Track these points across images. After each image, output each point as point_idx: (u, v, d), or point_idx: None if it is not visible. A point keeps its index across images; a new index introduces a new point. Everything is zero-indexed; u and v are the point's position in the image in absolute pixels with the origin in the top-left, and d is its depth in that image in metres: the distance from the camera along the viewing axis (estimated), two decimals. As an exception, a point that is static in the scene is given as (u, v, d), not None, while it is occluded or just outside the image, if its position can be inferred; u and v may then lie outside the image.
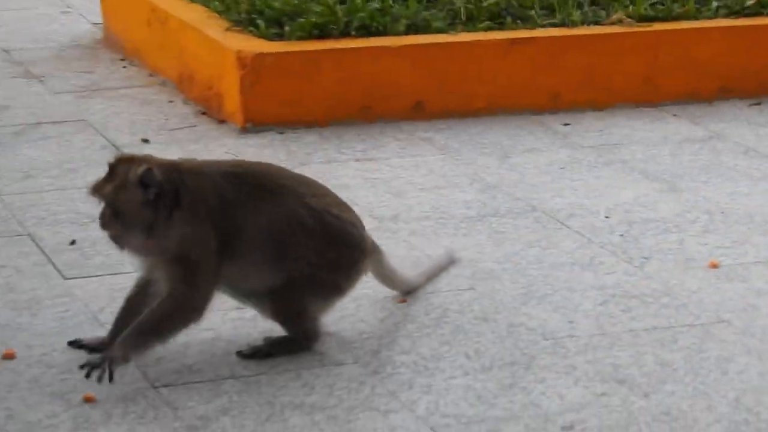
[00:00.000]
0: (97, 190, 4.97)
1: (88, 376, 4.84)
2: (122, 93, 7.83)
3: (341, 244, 5.15)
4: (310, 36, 7.43)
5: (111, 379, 4.84)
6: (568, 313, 5.45)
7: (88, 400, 4.78)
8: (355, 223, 5.25)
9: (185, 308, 5.02)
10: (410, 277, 5.64)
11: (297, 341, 5.17)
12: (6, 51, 8.55)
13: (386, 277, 5.52)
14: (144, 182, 4.90)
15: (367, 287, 5.54)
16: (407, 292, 5.60)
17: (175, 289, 4.99)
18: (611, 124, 7.43)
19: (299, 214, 5.07)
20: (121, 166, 4.98)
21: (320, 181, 6.47)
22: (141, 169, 4.90)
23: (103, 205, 4.96)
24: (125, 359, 4.93)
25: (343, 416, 4.70)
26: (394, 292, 5.61)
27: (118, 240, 5.01)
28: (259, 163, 5.35)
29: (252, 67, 7.22)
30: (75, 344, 5.13)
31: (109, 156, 6.55)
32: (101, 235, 5.80)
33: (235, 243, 5.05)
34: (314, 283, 5.12)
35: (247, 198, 5.06)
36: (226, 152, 6.98)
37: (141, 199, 4.92)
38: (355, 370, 5.02)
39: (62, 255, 5.90)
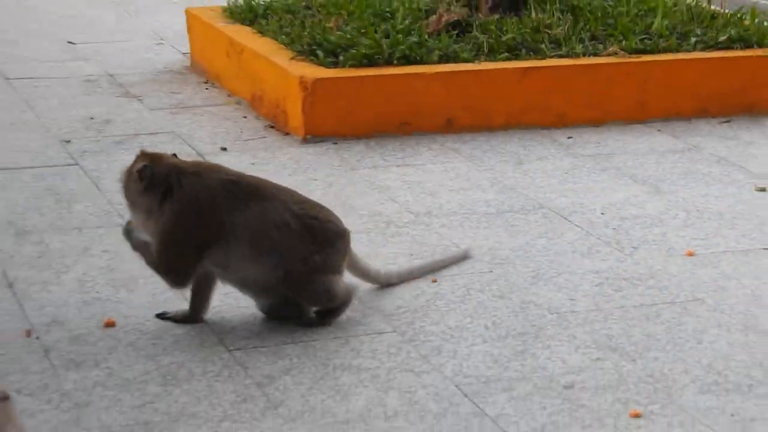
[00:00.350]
0: (120, 174, 5.26)
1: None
2: (205, 110, 7.89)
3: (322, 237, 5.13)
4: (359, 64, 7.49)
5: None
6: (570, 293, 5.48)
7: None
8: (333, 220, 5.24)
9: (168, 284, 5.22)
10: (381, 271, 5.57)
11: (327, 312, 5.21)
12: (111, 75, 8.55)
13: (358, 270, 5.45)
14: (140, 175, 5.10)
15: None
16: (384, 285, 5.54)
17: (157, 268, 5.21)
18: (606, 137, 7.47)
19: (283, 216, 5.08)
20: (137, 159, 5.20)
21: (367, 183, 6.63)
22: (140, 165, 5.13)
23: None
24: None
25: (384, 376, 4.71)
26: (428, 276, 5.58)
27: (131, 215, 5.27)
28: (253, 176, 5.36)
29: (312, 90, 7.29)
30: (161, 316, 5.24)
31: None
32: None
33: (226, 239, 5.08)
34: (312, 270, 5.09)
35: (238, 202, 5.10)
36: (289, 158, 7.00)
37: (138, 187, 5.14)
38: (394, 337, 5.04)
39: None
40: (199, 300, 5.26)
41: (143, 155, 5.22)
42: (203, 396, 4.59)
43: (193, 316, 5.24)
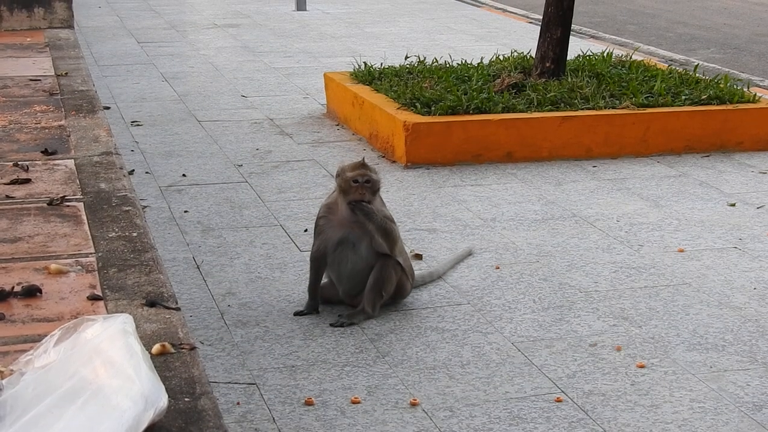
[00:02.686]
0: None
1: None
2: (336, 144, 7.91)
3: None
4: (446, 113, 7.46)
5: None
6: (594, 277, 5.43)
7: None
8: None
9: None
10: (434, 269, 5.38)
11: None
12: (271, 119, 8.61)
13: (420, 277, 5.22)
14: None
15: (472, 262, 5.62)
16: (432, 280, 5.31)
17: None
18: (621, 167, 7.39)
19: None
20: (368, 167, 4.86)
21: (450, 197, 6.69)
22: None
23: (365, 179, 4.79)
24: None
25: (461, 335, 4.74)
26: (492, 264, 5.54)
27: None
28: None
29: (412, 131, 7.29)
30: (298, 314, 4.93)
31: (329, 181, 6.81)
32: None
33: None
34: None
35: None
36: (395, 179, 6.99)
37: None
38: (468, 308, 5.04)
39: (299, 237, 5.93)
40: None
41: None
42: (332, 347, 4.63)
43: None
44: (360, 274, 4.90)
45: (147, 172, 7.16)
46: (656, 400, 4.18)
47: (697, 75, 8.51)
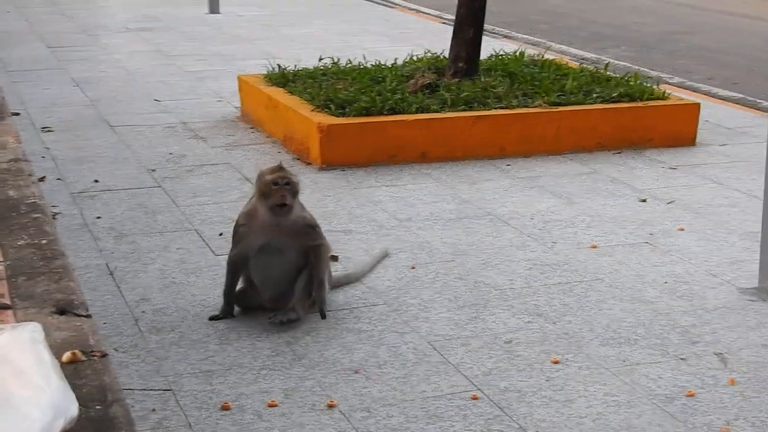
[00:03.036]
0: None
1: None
2: (251, 147, 7.88)
3: None
4: (360, 114, 7.46)
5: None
6: (509, 275, 5.46)
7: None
8: None
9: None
10: (351, 272, 5.34)
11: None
12: (185, 123, 8.56)
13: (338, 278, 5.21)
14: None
15: (388, 262, 5.61)
16: (350, 282, 5.28)
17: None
18: (534, 165, 7.43)
19: None
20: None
21: (365, 198, 6.69)
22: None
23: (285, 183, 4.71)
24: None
25: (377, 336, 4.74)
26: (408, 264, 5.54)
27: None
28: None
29: (327, 132, 7.28)
30: (213, 318, 4.87)
31: (243, 184, 6.77)
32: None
33: None
34: None
35: None
36: (311, 181, 6.95)
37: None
38: (384, 308, 5.04)
39: (214, 241, 5.89)
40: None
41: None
42: (248, 351, 4.60)
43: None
44: (287, 277, 4.85)
45: (58, 179, 7.07)
46: (571, 395, 4.22)
47: (608, 73, 8.62)
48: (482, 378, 4.35)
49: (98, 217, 6.32)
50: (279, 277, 4.84)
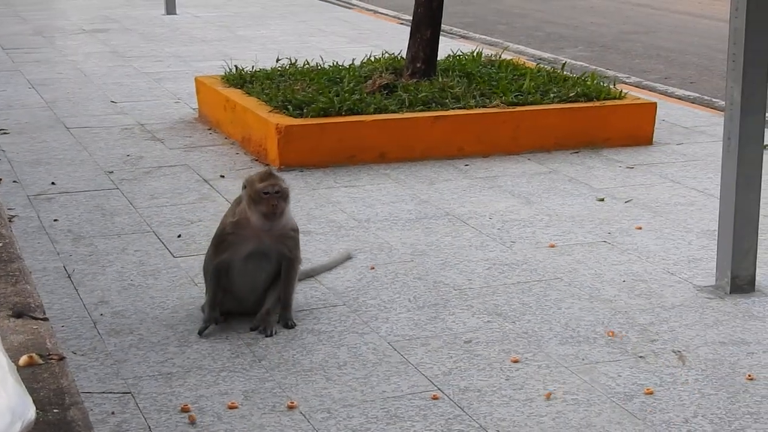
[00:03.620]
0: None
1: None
2: (209, 149, 7.85)
3: None
4: (318, 115, 7.44)
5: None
6: (468, 274, 5.46)
7: None
8: None
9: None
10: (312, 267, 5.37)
11: None
12: (142, 125, 8.51)
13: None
14: None
15: (347, 263, 5.61)
16: (309, 277, 5.31)
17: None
18: (493, 165, 7.44)
19: None
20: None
21: (323, 199, 6.70)
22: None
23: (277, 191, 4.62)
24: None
25: (337, 337, 4.74)
26: (367, 264, 5.55)
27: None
28: None
29: (284, 133, 7.26)
30: (202, 331, 4.72)
31: (201, 186, 6.73)
32: (196, 231, 5.98)
33: None
34: None
35: None
36: None
37: None
38: (344, 309, 5.03)
39: (173, 243, 5.88)
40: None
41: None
42: (207, 353, 4.59)
43: None
44: (267, 282, 4.83)
45: (15, 181, 7.03)
46: (531, 393, 4.23)
47: (565, 73, 8.66)
48: (442, 378, 4.35)
49: (55, 220, 6.28)
50: (262, 282, 4.81)
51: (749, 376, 4.40)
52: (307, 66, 8.86)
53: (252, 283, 4.81)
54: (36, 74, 10.61)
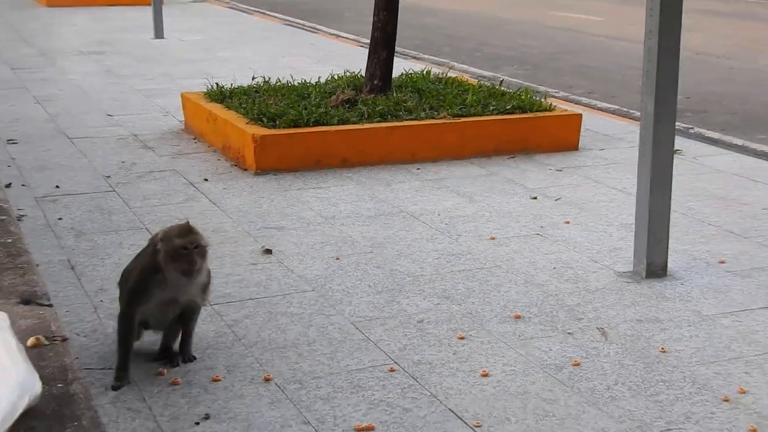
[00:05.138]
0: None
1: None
2: (194, 156, 7.79)
3: None
4: (289, 126, 7.40)
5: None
6: (420, 263, 5.45)
7: None
8: None
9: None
10: None
11: None
12: (135, 135, 8.46)
13: None
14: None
15: (316, 254, 5.57)
16: None
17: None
18: (441, 168, 7.43)
19: None
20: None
21: (294, 199, 6.67)
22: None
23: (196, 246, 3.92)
24: None
25: (307, 318, 4.72)
26: (333, 255, 5.52)
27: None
28: None
29: (260, 142, 7.22)
30: (117, 388, 3.94)
31: (188, 188, 6.71)
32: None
33: None
34: None
35: None
36: (246, 185, 6.93)
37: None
38: (313, 294, 5.02)
39: None
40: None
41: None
42: (195, 333, 4.44)
43: None
44: (173, 321, 4.18)
45: (23, 185, 6.94)
46: (474, 366, 4.24)
47: (502, 89, 8.66)
48: (398, 353, 4.35)
49: (60, 219, 6.22)
50: (173, 321, 4.16)
51: (662, 349, 4.42)
52: (278, 83, 8.82)
53: (162, 323, 4.18)
54: (40, 91, 10.51)
